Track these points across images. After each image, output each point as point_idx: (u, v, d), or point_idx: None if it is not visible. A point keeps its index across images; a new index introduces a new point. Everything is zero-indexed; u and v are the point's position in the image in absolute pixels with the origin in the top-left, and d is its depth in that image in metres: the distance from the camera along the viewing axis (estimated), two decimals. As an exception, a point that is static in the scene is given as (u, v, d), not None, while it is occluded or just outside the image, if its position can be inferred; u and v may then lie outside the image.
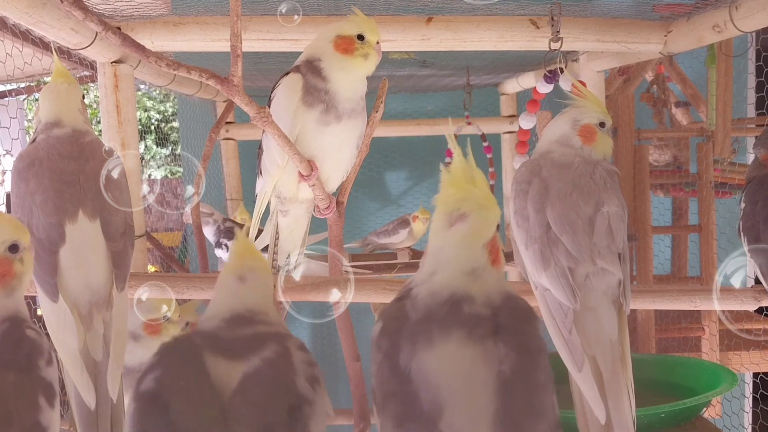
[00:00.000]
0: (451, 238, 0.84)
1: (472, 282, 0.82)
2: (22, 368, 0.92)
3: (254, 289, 0.94)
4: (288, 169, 1.39)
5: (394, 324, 0.83)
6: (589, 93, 1.39)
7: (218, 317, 0.91)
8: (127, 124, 1.69)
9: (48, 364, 0.95)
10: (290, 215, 1.49)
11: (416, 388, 0.78)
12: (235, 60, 1.10)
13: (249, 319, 0.91)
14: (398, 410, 0.79)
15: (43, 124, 1.30)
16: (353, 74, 1.35)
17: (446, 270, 0.83)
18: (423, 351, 0.79)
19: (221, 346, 0.86)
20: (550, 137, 1.38)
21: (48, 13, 1.27)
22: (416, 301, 0.83)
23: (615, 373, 1.23)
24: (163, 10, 1.60)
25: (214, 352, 0.85)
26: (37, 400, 0.91)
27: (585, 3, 1.72)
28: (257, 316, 0.92)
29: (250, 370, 0.84)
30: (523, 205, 1.30)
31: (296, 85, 1.35)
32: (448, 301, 0.81)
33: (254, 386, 0.83)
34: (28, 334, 0.95)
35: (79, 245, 1.22)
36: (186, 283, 1.40)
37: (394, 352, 0.81)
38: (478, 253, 0.83)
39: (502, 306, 0.82)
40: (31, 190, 1.22)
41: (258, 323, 0.91)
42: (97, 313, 1.23)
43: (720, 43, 2.51)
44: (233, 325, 0.90)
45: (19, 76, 2.22)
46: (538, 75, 2.55)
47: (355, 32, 1.33)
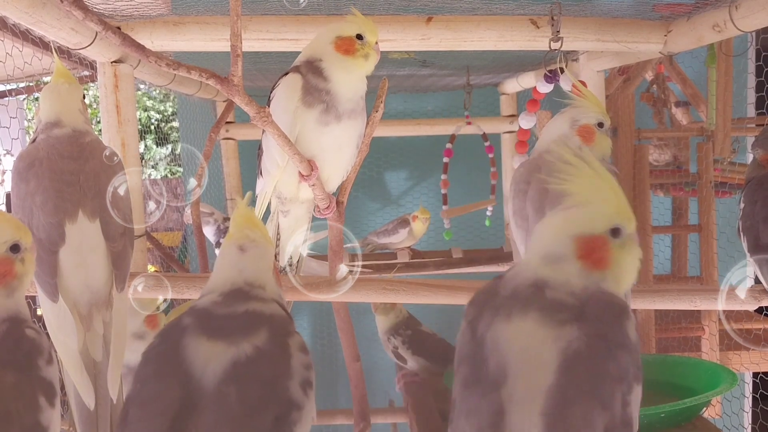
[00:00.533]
0: (545, 225, 0.88)
1: (556, 271, 0.84)
2: (22, 368, 0.91)
3: (253, 260, 0.95)
4: (288, 169, 1.39)
5: (483, 297, 0.86)
6: (588, 93, 1.39)
7: (216, 291, 0.92)
8: (127, 124, 1.69)
9: (48, 363, 0.95)
10: (291, 215, 1.49)
11: (487, 354, 0.80)
12: (235, 60, 1.10)
13: (245, 293, 0.92)
14: (467, 372, 0.82)
15: (43, 124, 1.30)
16: (354, 74, 1.35)
17: (536, 256, 0.86)
18: (500, 323, 0.81)
19: (208, 326, 0.87)
20: (548, 137, 1.38)
21: (48, 12, 1.27)
22: (507, 281, 0.86)
23: None
24: (163, 9, 1.60)
25: (197, 333, 0.86)
26: (37, 399, 0.91)
27: (585, 3, 1.72)
28: (254, 290, 0.92)
29: (242, 360, 0.84)
30: (522, 205, 1.30)
31: (296, 85, 1.35)
32: (533, 284, 0.83)
33: (245, 383, 0.83)
34: (28, 333, 0.95)
35: (78, 245, 1.22)
36: (186, 283, 1.40)
37: (476, 320, 0.84)
38: (565, 244, 0.85)
39: (591, 298, 0.82)
40: (31, 191, 1.22)
41: (252, 299, 0.91)
42: (96, 313, 1.23)
43: (720, 43, 2.51)
44: (228, 300, 0.91)
45: (19, 76, 2.22)
46: (538, 75, 2.55)
47: (355, 33, 1.34)
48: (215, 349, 0.85)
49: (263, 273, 0.95)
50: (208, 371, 0.84)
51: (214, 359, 0.84)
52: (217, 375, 0.83)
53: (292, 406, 0.84)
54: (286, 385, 0.85)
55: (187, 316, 0.90)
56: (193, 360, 0.84)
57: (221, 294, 0.92)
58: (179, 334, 0.87)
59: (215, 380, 0.83)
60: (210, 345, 0.85)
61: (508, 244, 2.95)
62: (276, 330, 0.89)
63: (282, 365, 0.86)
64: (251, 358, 0.84)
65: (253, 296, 0.92)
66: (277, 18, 1.65)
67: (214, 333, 0.86)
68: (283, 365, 0.86)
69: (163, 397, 0.82)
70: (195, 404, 0.82)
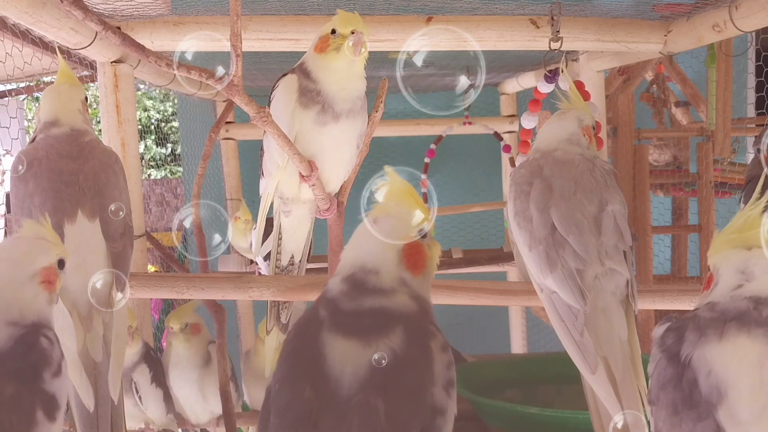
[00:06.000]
0: None
1: None
2: (25, 379, 0.91)
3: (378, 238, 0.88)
4: (288, 169, 1.39)
5: (681, 323, 0.84)
6: (574, 95, 1.40)
7: (342, 272, 0.87)
8: (127, 124, 1.69)
9: (54, 375, 0.93)
10: (293, 215, 1.49)
11: (695, 373, 0.78)
12: (235, 60, 1.10)
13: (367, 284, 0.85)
14: (675, 398, 0.79)
15: (42, 124, 1.30)
16: (333, 71, 1.33)
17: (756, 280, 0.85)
18: (710, 342, 0.79)
19: (341, 321, 0.83)
20: (557, 136, 1.36)
21: (48, 12, 1.27)
22: (713, 304, 0.84)
23: (626, 374, 1.22)
24: (163, 9, 1.60)
25: (332, 329, 0.83)
26: (34, 414, 0.89)
27: (585, 3, 1.72)
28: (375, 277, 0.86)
29: (383, 366, 0.79)
30: (525, 206, 1.29)
31: (292, 86, 1.35)
32: (749, 301, 0.82)
33: (391, 396, 0.79)
34: (41, 342, 0.95)
35: (78, 246, 1.22)
36: (186, 283, 1.40)
37: (675, 344, 0.82)
38: None
39: None
40: (30, 191, 1.22)
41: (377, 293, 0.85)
42: (96, 314, 1.23)
43: (720, 43, 2.51)
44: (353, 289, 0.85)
45: (19, 76, 2.22)
46: (538, 75, 2.55)
47: (330, 29, 1.33)
48: (351, 349, 0.81)
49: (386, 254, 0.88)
50: (346, 373, 0.80)
51: (351, 361, 0.80)
52: (358, 380, 0.80)
53: (437, 413, 0.81)
54: (430, 392, 0.81)
55: (322, 308, 0.86)
56: (329, 359, 0.81)
57: (345, 279, 0.86)
58: (316, 329, 0.83)
59: (356, 386, 0.79)
60: (345, 343, 0.82)
61: (508, 244, 2.95)
62: (413, 330, 0.84)
63: (426, 372, 0.82)
64: (393, 364, 0.80)
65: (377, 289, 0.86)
66: (277, 18, 1.65)
67: (348, 330, 0.82)
68: (427, 372, 0.82)
69: (300, 403, 0.79)
70: (333, 408, 0.79)
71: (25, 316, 0.96)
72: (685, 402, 0.78)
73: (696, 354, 0.79)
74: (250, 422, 2.14)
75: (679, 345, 0.81)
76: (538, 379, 2.43)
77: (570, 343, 1.21)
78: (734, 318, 0.80)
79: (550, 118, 1.41)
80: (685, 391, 0.78)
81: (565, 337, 1.22)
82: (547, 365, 2.44)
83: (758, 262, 0.85)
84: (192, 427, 2.06)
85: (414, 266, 0.89)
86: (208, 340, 2.00)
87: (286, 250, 1.53)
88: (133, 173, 1.66)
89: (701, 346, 0.79)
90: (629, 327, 1.25)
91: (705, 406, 0.76)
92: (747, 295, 0.83)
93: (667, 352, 0.82)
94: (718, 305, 0.84)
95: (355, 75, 1.35)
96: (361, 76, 1.36)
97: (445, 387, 0.83)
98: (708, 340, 0.79)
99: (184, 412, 2.02)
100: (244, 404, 2.22)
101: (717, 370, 0.77)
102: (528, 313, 3.27)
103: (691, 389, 0.78)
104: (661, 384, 0.81)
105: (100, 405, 1.20)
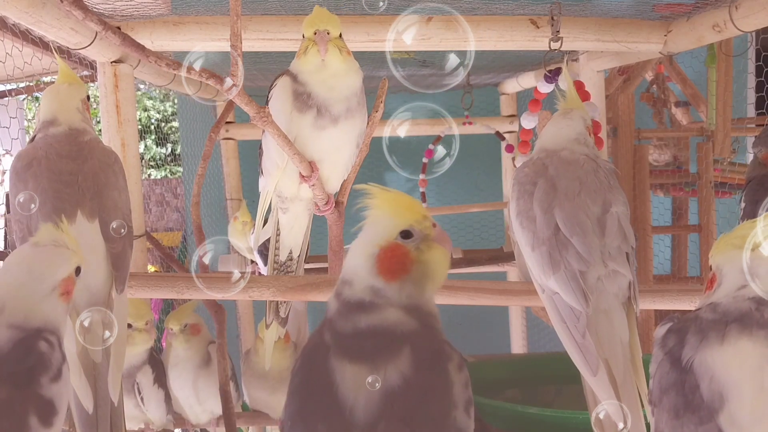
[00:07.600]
0: None
1: None
2: (20, 384, 0.89)
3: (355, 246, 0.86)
4: (288, 170, 1.39)
5: (682, 324, 0.84)
6: (572, 95, 1.40)
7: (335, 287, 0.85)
8: (127, 124, 1.69)
9: (53, 380, 0.92)
10: (290, 212, 1.49)
11: (697, 379, 0.78)
12: (235, 60, 1.09)
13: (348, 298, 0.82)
14: (676, 402, 0.79)
15: (41, 123, 1.30)
16: (313, 73, 1.33)
17: None
18: (711, 345, 0.79)
19: (345, 345, 0.80)
20: (565, 135, 1.36)
21: (48, 12, 1.27)
22: (715, 305, 0.84)
23: (627, 376, 1.21)
24: (163, 9, 1.60)
25: (339, 355, 0.79)
26: (26, 419, 0.87)
27: (585, 3, 1.72)
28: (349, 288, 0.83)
29: (398, 395, 0.76)
30: (528, 206, 1.28)
31: (287, 89, 1.35)
32: (752, 302, 0.82)
33: (413, 426, 0.76)
34: (39, 346, 0.93)
35: (77, 246, 1.21)
36: (186, 283, 1.40)
37: (677, 347, 0.81)
38: None
39: None
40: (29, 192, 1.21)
41: (365, 309, 0.81)
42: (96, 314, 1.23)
43: (720, 43, 2.51)
44: (342, 306, 0.82)
45: (19, 76, 2.22)
46: (537, 75, 2.55)
47: (302, 33, 1.34)
48: (360, 375, 0.78)
49: None
50: (359, 403, 0.77)
51: (363, 388, 0.78)
52: (374, 409, 0.77)
53: None
54: (453, 417, 0.79)
55: (326, 330, 0.82)
56: (340, 388, 0.78)
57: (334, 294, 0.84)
58: (324, 356, 0.80)
59: (372, 416, 0.77)
60: (353, 369, 0.79)
61: (508, 244, 2.95)
62: (423, 351, 0.81)
63: (447, 397, 0.79)
64: (412, 392, 0.77)
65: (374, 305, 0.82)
66: (277, 18, 1.65)
67: (353, 355, 0.79)
68: (448, 396, 0.79)
69: None
70: None
71: (29, 321, 0.94)
72: (687, 406, 0.78)
73: (697, 358, 0.79)
74: (250, 422, 2.14)
75: (680, 348, 0.81)
76: (538, 379, 2.44)
77: (571, 344, 1.21)
78: (736, 319, 0.80)
79: (554, 117, 1.40)
80: (687, 396, 0.78)
81: (567, 338, 1.21)
82: (547, 365, 2.44)
83: (763, 263, 0.85)
84: (192, 427, 2.06)
85: (387, 271, 0.83)
86: (207, 341, 2.00)
87: (285, 245, 1.53)
88: (133, 173, 1.66)
89: (703, 350, 0.79)
90: (630, 329, 1.25)
91: (707, 410, 0.76)
92: (750, 295, 0.83)
93: (668, 355, 0.82)
94: (720, 306, 0.84)
95: (342, 72, 1.33)
96: (349, 71, 1.34)
97: (465, 408, 0.81)
98: (709, 344, 0.79)
99: (184, 412, 2.03)
100: (244, 404, 2.22)
101: (718, 375, 0.77)
102: (528, 313, 3.27)
103: (693, 394, 0.78)
104: (663, 388, 0.81)
105: (99, 406, 1.20)
